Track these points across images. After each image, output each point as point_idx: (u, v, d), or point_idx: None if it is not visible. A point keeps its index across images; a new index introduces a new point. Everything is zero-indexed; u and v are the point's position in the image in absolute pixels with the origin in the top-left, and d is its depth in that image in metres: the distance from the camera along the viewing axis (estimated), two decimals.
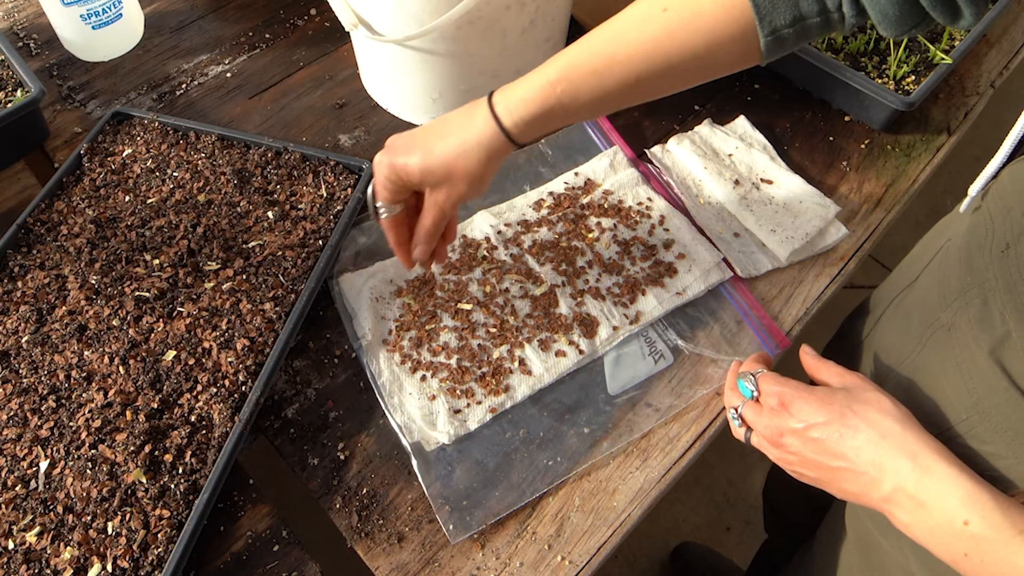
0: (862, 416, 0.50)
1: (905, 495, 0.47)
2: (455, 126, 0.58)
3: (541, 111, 0.56)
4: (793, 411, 0.52)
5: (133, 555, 0.56)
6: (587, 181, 0.82)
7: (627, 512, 0.63)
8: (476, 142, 0.57)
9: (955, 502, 0.45)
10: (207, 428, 0.62)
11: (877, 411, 0.50)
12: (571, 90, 0.56)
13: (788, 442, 0.52)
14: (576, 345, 0.69)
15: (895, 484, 0.47)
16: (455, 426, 0.65)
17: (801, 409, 0.52)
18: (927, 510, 0.46)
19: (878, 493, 0.48)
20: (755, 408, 0.56)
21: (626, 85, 0.56)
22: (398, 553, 0.60)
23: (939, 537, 0.46)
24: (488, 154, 0.57)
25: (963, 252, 0.58)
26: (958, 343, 0.55)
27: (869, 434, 0.49)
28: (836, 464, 0.50)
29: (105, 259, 0.71)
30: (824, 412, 0.51)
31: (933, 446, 0.48)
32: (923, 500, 0.46)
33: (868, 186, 0.83)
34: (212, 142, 0.80)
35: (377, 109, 0.90)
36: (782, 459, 0.55)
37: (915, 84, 0.85)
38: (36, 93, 0.78)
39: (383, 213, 0.62)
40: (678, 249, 0.76)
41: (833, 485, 0.52)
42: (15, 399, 0.63)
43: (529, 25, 0.77)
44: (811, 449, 0.51)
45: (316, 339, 0.71)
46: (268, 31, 0.99)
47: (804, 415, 0.51)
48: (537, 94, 0.56)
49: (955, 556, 0.46)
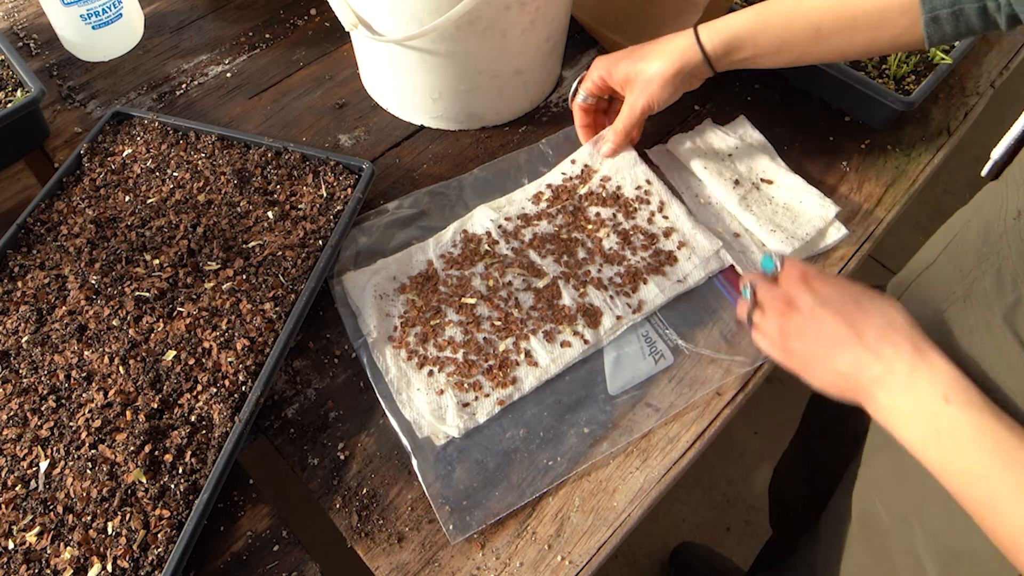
0: (877, 304, 0.53)
1: (896, 378, 0.50)
2: (662, 46, 0.72)
3: (735, 38, 0.69)
4: (813, 286, 0.56)
5: (133, 555, 0.56)
6: (584, 167, 0.82)
7: (627, 512, 0.63)
8: (679, 55, 0.70)
9: (943, 384, 0.48)
10: (207, 428, 0.62)
11: (890, 305, 0.53)
12: (761, 25, 0.68)
13: (801, 303, 0.55)
14: (581, 335, 0.70)
15: (889, 367, 0.50)
16: (464, 419, 0.65)
17: (821, 286, 0.55)
18: (913, 393, 0.49)
19: (869, 373, 0.51)
20: (771, 283, 0.59)
21: (807, 33, 0.67)
22: (398, 553, 0.60)
23: (914, 418, 0.49)
24: (682, 63, 0.70)
25: (980, 224, 0.59)
26: (972, 312, 0.56)
27: (879, 319, 0.52)
28: (839, 335, 0.53)
29: (105, 259, 0.71)
30: (841, 291, 0.54)
31: (934, 344, 0.51)
32: (913, 383, 0.49)
33: (868, 186, 0.83)
34: (212, 142, 0.80)
35: (377, 109, 0.90)
36: (782, 328, 0.57)
37: (915, 84, 0.85)
38: (36, 93, 0.78)
39: (581, 98, 0.80)
40: (678, 237, 0.76)
41: (823, 363, 0.55)
42: (15, 399, 0.63)
43: (529, 25, 0.77)
44: (818, 319, 0.54)
45: (316, 339, 0.71)
46: (268, 31, 0.99)
47: (822, 291, 0.55)
48: (736, 24, 0.69)
49: (925, 435, 0.48)
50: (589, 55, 0.96)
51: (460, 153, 0.86)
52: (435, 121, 0.87)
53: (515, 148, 0.86)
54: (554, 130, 0.87)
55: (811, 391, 0.97)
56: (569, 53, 0.95)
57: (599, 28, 0.94)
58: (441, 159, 0.85)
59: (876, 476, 0.67)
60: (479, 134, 0.88)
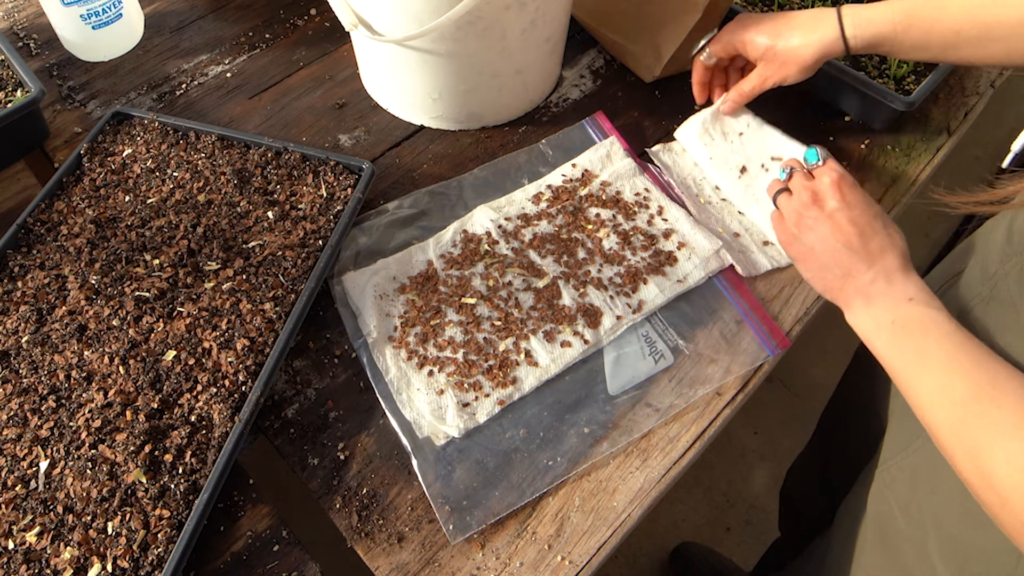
0: (887, 228, 0.61)
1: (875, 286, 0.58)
2: (804, 22, 0.72)
3: (879, 35, 0.69)
4: (843, 190, 0.62)
5: (133, 555, 0.56)
6: (585, 172, 0.82)
7: (627, 512, 0.63)
8: (820, 40, 0.70)
9: (913, 289, 0.57)
10: (207, 428, 0.62)
11: (896, 231, 0.61)
12: (905, 26, 0.68)
13: (827, 202, 0.62)
14: (581, 335, 0.70)
15: (875, 277, 0.58)
16: (464, 419, 0.65)
17: (849, 193, 0.61)
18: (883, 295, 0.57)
19: (858, 281, 0.59)
20: (807, 177, 0.65)
21: (947, 38, 0.67)
22: (398, 553, 0.60)
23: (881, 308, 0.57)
24: (824, 52, 0.71)
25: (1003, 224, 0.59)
26: (997, 312, 0.56)
27: (884, 239, 0.60)
28: (847, 242, 0.60)
29: (105, 259, 0.71)
30: (864, 205, 0.61)
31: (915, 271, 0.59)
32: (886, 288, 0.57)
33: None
34: (212, 142, 0.80)
35: (377, 109, 0.90)
36: (800, 217, 0.63)
37: (915, 84, 0.85)
38: (36, 93, 0.78)
39: (706, 56, 0.79)
40: (677, 238, 0.76)
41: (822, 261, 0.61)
42: (15, 399, 0.63)
43: (529, 25, 0.77)
44: (836, 222, 0.61)
45: (316, 339, 0.71)
46: (268, 31, 0.99)
47: (849, 198, 0.61)
48: (880, 20, 0.69)
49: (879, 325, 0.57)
50: (589, 55, 0.96)
51: (460, 153, 0.86)
52: (435, 121, 0.87)
53: (515, 148, 0.86)
54: (554, 130, 0.87)
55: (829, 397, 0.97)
56: (569, 53, 0.95)
57: (599, 28, 0.94)
58: (441, 159, 0.85)
59: (893, 479, 0.67)
60: (479, 134, 0.88)
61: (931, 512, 0.60)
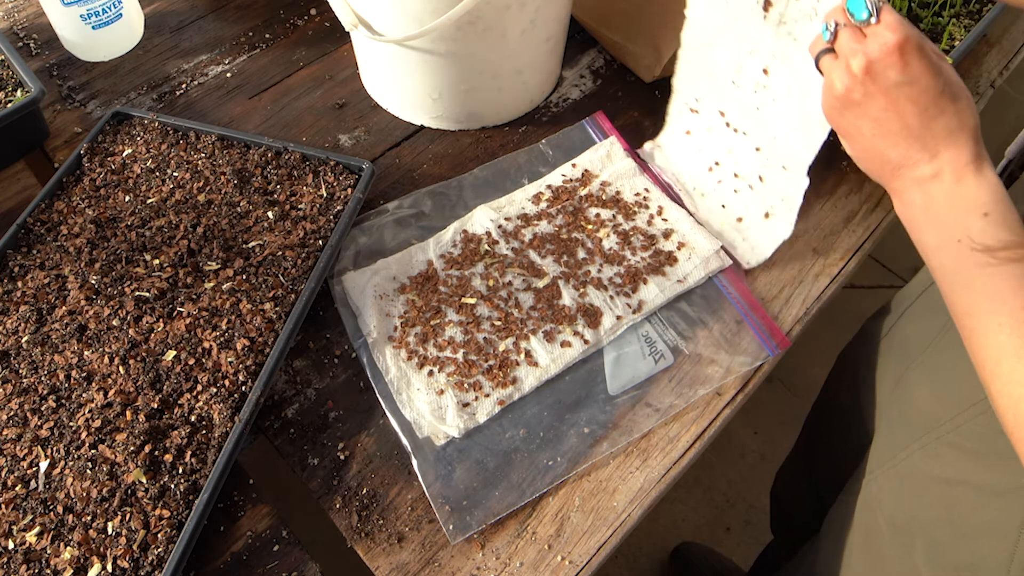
0: (958, 104, 0.48)
1: (940, 183, 0.47)
2: None
3: None
4: (906, 59, 0.48)
5: (133, 555, 0.56)
6: (584, 172, 0.82)
7: (627, 512, 0.63)
8: None
9: (987, 198, 0.46)
10: (207, 428, 0.62)
11: (967, 105, 0.49)
12: None
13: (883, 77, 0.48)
14: (581, 335, 0.70)
15: (939, 170, 0.47)
16: (464, 419, 0.65)
17: (915, 63, 0.48)
18: (952, 198, 0.47)
19: (917, 172, 0.48)
20: (858, 36, 0.50)
21: None
22: (398, 553, 0.60)
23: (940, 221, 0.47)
24: None
25: None
26: None
27: (953, 120, 0.48)
28: (906, 126, 0.49)
29: (105, 259, 0.71)
30: (929, 77, 0.48)
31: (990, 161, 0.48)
32: (957, 190, 0.47)
33: (868, 186, 0.83)
34: (212, 142, 0.80)
35: (377, 109, 0.90)
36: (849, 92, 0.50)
37: None
38: (36, 93, 0.78)
39: None
40: (677, 238, 0.76)
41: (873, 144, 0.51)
42: (15, 399, 0.63)
43: (529, 25, 0.77)
44: (894, 101, 0.49)
45: (316, 339, 0.71)
46: (268, 31, 0.99)
47: (913, 70, 0.48)
48: None
49: (942, 240, 0.47)
50: (589, 55, 0.96)
51: (460, 153, 0.86)
52: (435, 121, 0.87)
53: (515, 148, 0.86)
54: (554, 130, 0.87)
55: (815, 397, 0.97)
56: (569, 53, 0.95)
57: (599, 28, 0.94)
58: (441, 159, 0.85)
59: (880, 489, 0.67)
60: (479, 134, 0.88)
61: (919, 523, 0.60)
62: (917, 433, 0.63)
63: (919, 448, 0.62)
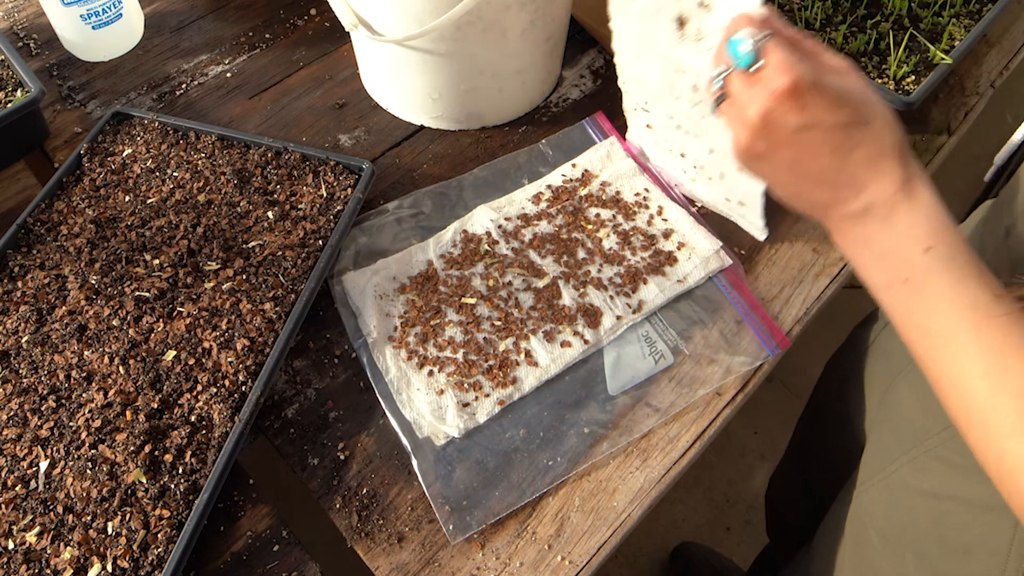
0: (873, 128, 0.43)
1: (874, 217, 0.43)
2: None
3: None
4: (803, 102, 0.42)
5: (133, 555, 0.56)
6: (584, 172, 0.82)
7: (627, 512, 0.63)
8: None
9: (927, 229, 0.41)
10: (207, 428, 0.62)
11: (885, 125, 0.44)
12: None
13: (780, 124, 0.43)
14: (581, 335, 0.70)
15: (870, 203, 0.43)
16: (464, 419, 0.65)
17: (816, 103, 0.42)
18: (896, 228, 0.42)
19: (847, 209, 0.44)
20: (749, 81, 0.44)
21: None
22: (398, 553, 0.60)
23: (892, 257, 0.42)
24: None
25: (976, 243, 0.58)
26: None
27: (872, 147, 0.43)
28: (821, 168, 0.44)
29: (105, 259, 0.71)
30: (835, 111, 0.42)
31: (923, 176, 0.44)
32: (892, 224, 0.42)
33: None
34: (212, 142, 0.80)
35: (377, 109, 0.90)
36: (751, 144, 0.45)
37: (915, 84, 0.85)
38: (36, 93, 0.78)
39: None
40: (677, 238, 0.76)
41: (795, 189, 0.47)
42: (15, 399, 0.63)
43: (529, 25, 0.77)
44: (799, 146, 0.44)
45: (316, 339, 0.71)
46: (268, 31, 0.99)
47: (815, 112, 0.42)
48: None
49: (890, 280, 0.42)
50: (589, 55, 0.96)
51: (460, 153, 0.86)
52: (435, 121, 0.87)
53: (515, 148, 0.86)
54: (554, 130, 0.87)
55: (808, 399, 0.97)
56: (569, 53, 0.95)
57: (599, 28, 0.94)
58: (441, 159, 0.85)
59: (870, 501, 0.66)
60: (479, 134, 0.88)
61: (909, 537, 0.60)
62: (906, 446, 0.63)
63: (908, 461, 0.61)
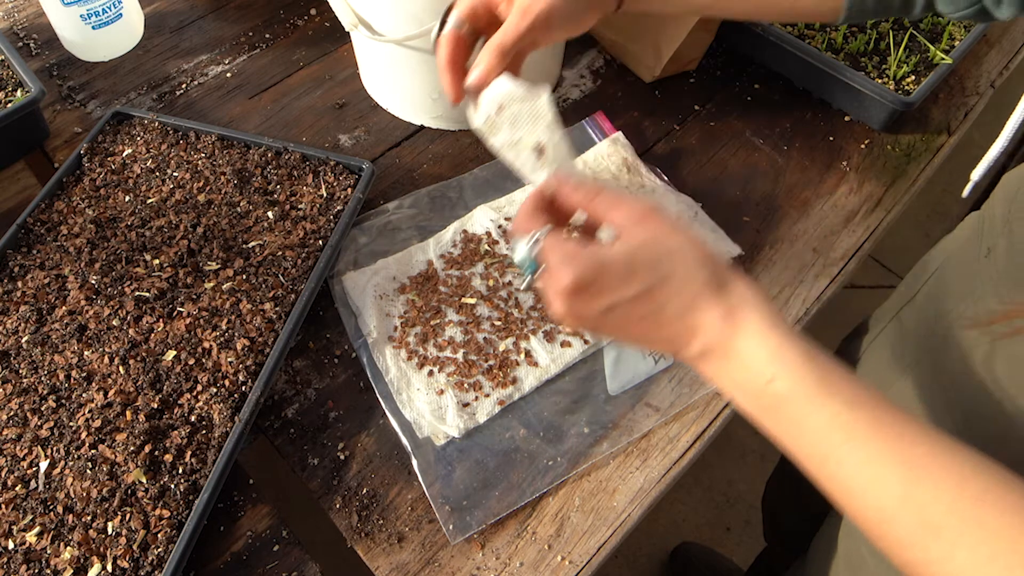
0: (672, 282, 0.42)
1: (714, 353, 0.43)
2: None
3: None
4: (593, 292, 0.43)
5: (133, 555, 0.56)
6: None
7: (627, 512, 0.63)
8: None
9: (763, 359, 0.41)
10: (207, 428, 0.62)
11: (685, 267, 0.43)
12: None
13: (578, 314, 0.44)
14: (581, 335, 0.70)
15: (705, 343, 0.42)
16: (464, 419, 0.65)
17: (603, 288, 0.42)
18: (734, 364, 0.42)
19: (688, 353, 0.44)
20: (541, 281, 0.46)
21: None
22: (398, 553, 0.60)
23: (744, 391, 0.42)
24: None
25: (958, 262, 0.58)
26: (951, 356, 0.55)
27: (679, 302, 0.42)
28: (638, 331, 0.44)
29: (105, 259, 0.71)
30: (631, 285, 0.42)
31: (748, 296, 0.42)
32: (731, 356, 0.42)
33: (868, 186, 0.83)
34: (212, 142, 0.80)
35: (377, 109, 0.90)
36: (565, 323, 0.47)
37: (915, 84, 0.85)
38: (36, 93, 0.78)
39: (450, 25, 0.56)
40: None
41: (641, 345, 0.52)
42: (15, 399, 0.63)
43: None
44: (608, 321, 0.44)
45: (316, 339, 0.71)
46: (268, 31, 0.99)
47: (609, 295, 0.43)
48: None
49: (758, 410, 0.42)
50: (589, 55, 0.96)
51: (460, 153, 0.86)
52: (435, 121, 0.87)
53: None
54: None
55: None
56: (569, 53, 0.95)
57: (599, 28, 0.94)
58: (441, 159, 0.85)
59: None
60: None
61: None
62: None
63: None
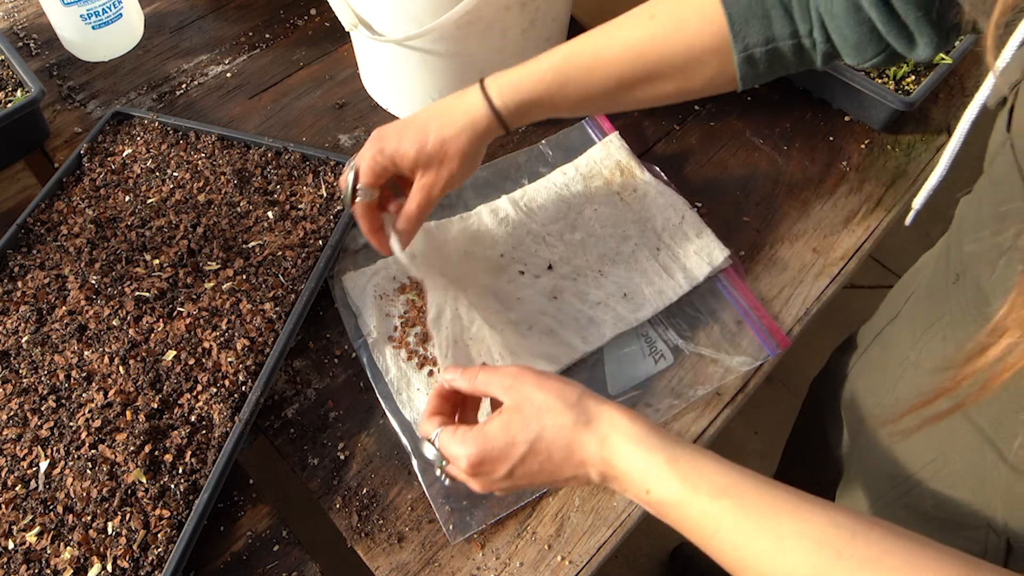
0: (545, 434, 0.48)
1: (606, 476, 0.47)
2: (448, 108, 0.61)
3: (530, 98, 0.60)
4: (488, 465, 0.49)
5: (133, 555, 0.56)
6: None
7: (627, 512, 0.63)
8: (469, 122, 0.60)
9: (637, 474, 0.45)
10: (207, 428, 0.62)
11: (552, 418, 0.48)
12: (559, 82, 0.59)
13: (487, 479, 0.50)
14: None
15: (598, 471, 0.47)
16: None
17: (495, 459, 0.49)
18: (622, 483, 0.47)
19: (593, 482, 0.49)
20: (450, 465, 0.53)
21: (609, 85, 0.60)
22: (398, 553, 0.60)
23: (638, 501, 0.47)
24: (479, 134, 0.60)
25: (929, 288, 0.58)
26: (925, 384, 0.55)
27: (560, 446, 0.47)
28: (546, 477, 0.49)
29: (105, 259, 0.71)
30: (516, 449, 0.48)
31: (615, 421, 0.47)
32: (616, 477, 0.47)
33: (868, 186, 0.83)
34: (212, 142, 0.80)
35: (377, 109, 0.90)
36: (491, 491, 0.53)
37: (915, 84, 0.85)
38: (36, 93, 0.78)
39: (361, 198, 0.62)
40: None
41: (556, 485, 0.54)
42: (15, 399, 0.63)
43: (529, 25, 0.77)
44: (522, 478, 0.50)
45: (316, 339, 0.71)
46: (268, 31, 0.99)
47: (502, 463, 0.49)
48: (527, 82, 0.60)
49: (655, 514, 0.47)
50: None
51: None
52: None
53: (515, 148, 0.86)
54: (554, 130, 0.87)
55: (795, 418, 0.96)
56: None
57: None
58: None
59: None
60: None
61: None
62: (878, 492, 0.63)
63: (881, 508, 0.62)
